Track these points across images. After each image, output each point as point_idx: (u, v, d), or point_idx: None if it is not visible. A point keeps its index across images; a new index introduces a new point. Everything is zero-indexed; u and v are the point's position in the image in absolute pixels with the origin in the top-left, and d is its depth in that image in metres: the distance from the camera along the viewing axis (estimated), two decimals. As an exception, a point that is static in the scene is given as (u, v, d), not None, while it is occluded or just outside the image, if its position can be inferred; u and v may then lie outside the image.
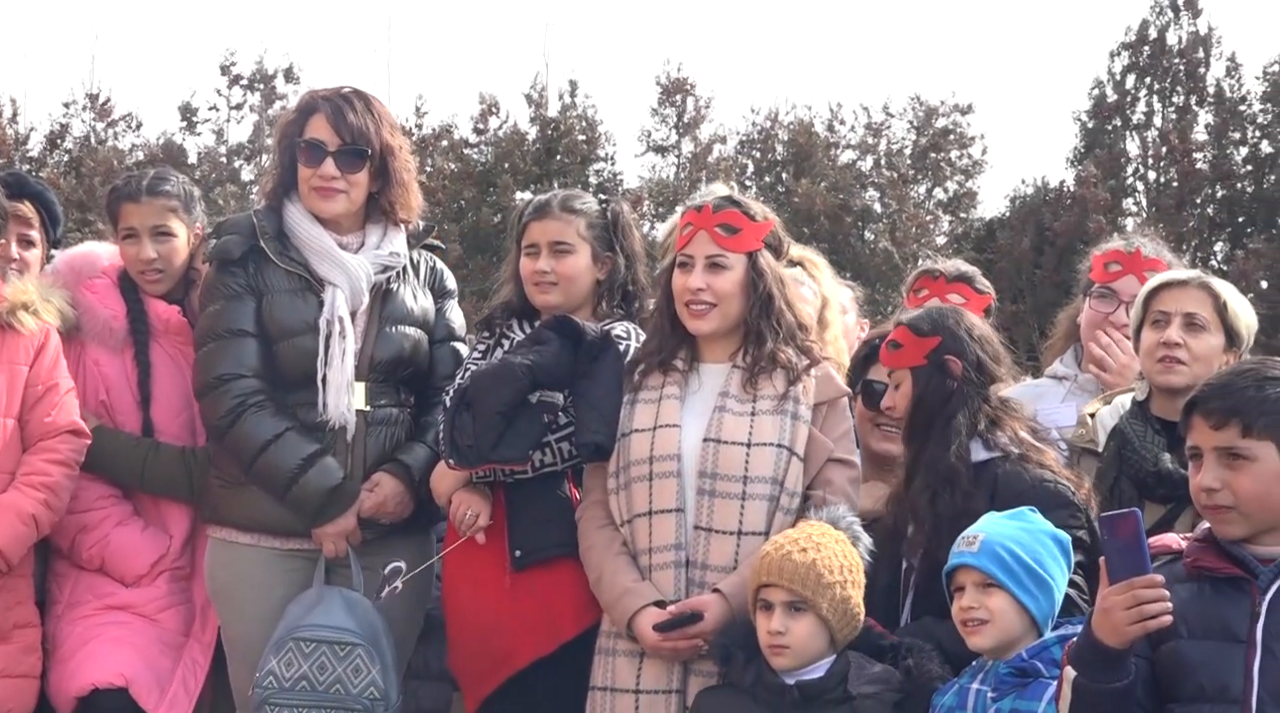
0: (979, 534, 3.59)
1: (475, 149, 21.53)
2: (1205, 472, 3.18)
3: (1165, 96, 21.43)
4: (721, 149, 22.08)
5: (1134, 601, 3.03)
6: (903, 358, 4.10)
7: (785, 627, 3.73)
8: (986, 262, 20.52)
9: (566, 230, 4.60)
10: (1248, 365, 3.27)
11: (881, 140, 22.05)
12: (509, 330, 4.67)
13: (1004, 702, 3.46)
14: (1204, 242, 21.06)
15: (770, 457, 4.07)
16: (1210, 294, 4.09)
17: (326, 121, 4.66)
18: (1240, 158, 21.07)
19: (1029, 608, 3.52)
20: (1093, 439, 4.20)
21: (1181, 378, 4.03)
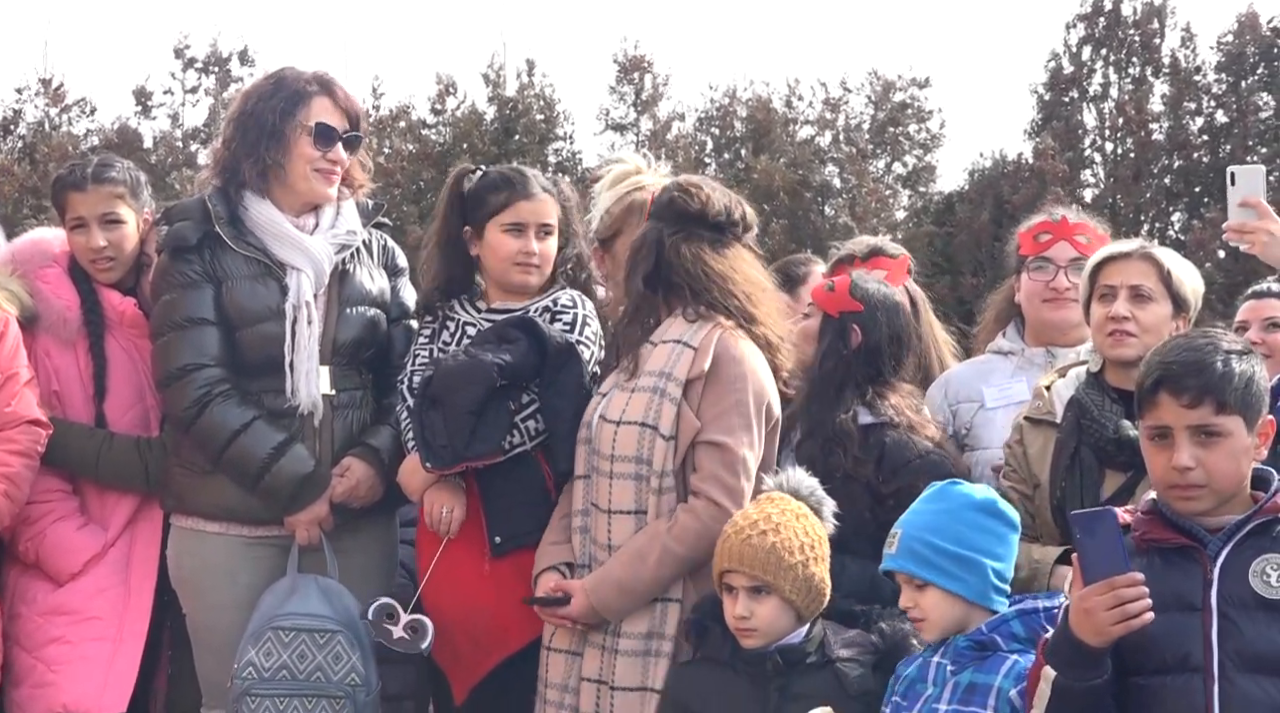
0: (897, 532, 3.62)
1: (433, 130, 21.44)
2: (1179, 451, 3.14)
3: (1121, 68, 21.50)
4: (680, 126, 22.05)
5: (1116, 600, 3.02)
6: (826, 301, 4.23)
7: (750, 610, 3.75)
8: (946, 235, 20.63)
9: (554, 211, 4.61)
10: (1202, 339, 3.25)
11: (839, 115, 22.06)
12: (451, 311, 4.64)
13: (963, 674, 3.48)
14: (1161, 212, 21.17)
15: (634, 436, 4.06)
16: (1154, 264, 4.13)
17: (333, 105, 4.68)
18: (1196, 128, 21.18)
19: (961, 594, 3.53)
20: (1050, 410, 4.22)
21: (1132, 350, 4.06)
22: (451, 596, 4.39)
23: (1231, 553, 3.13)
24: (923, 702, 3.52)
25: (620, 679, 4.03)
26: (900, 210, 21.76)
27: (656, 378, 4.08)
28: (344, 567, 4.62)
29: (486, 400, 4.23)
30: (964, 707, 3.44)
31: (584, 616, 4.05)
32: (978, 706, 3.42)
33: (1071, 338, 4.70)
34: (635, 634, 4.05)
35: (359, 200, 4.83)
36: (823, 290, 4.35)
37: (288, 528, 4.61)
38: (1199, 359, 3.17)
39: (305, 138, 4.64)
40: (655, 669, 4.02)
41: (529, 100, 21.44)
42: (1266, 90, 21.10)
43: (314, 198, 4.68)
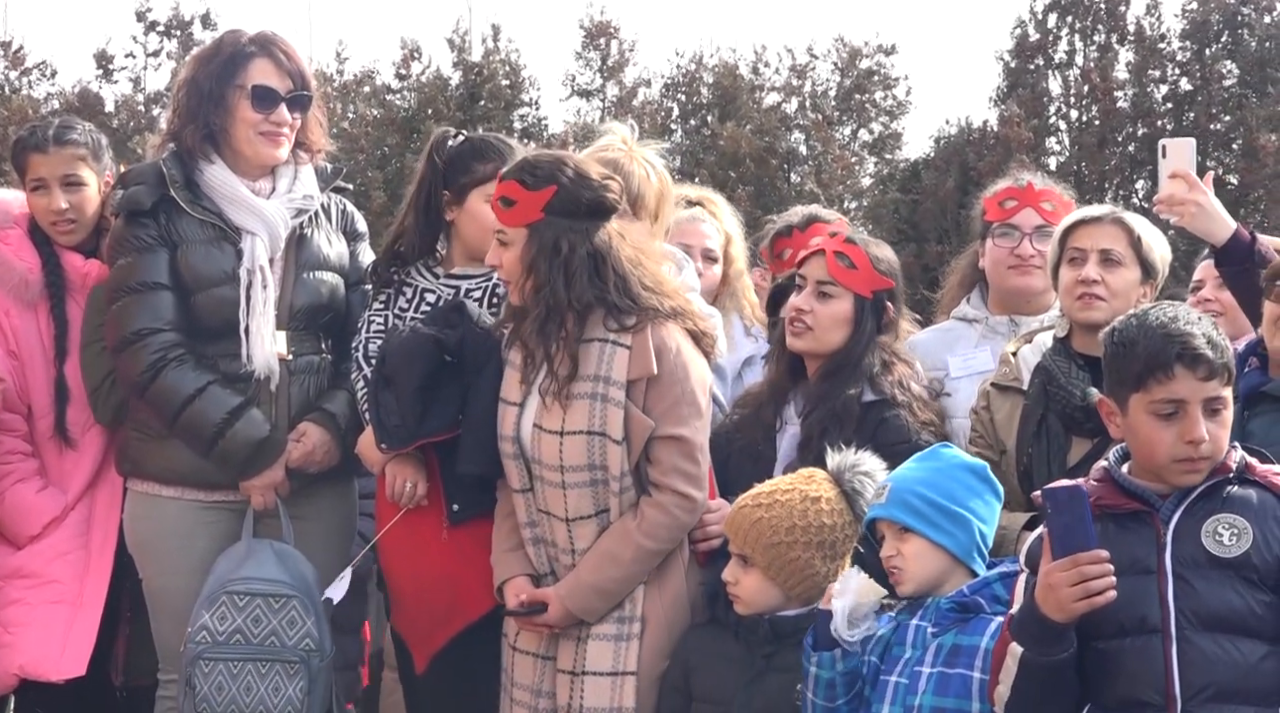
0: (888, 483, 3.61)
1: (398, 95, 21.34)
2: (1196, 425, 3.14)
3: (1086, 35, 21.53)
4: (646, 93, 22.01)
5: (1079, 577, 3.03)
6: (853, 281, 4.12)
7: (735, 577, 3.77)
8: (911, 202, 20.65)
9: None
10: (1188, 312, 3.26)
11: (806, 82, 22.03)
12: (409, 277, 4.59)
13: (945, 637, 3.48)
14: (1125, 179, 21.24)
15: (582, 445, 3.96)
16: (1124, 229, 4.13)
17: (274, 67, 4.62)
18: (1160, 96, 21.23)
19: (946, 546, 3.52)
20: (1017, 377, 4.22)
21: (1101, 314, 4.07)
22: (410, 565, 4.37)
23: (1183, 515, 3.16)
24: (903, 664, 3.52)
25: (592, 664, 4.00)
26: (866, 177, 21.79)
27: (592, 383, 3.97)
28: (300, 532, 4.60)
29: (438, 377, 4.19)
30: (949, 669, 3.45)
31: (562, 622, 4.03)
32: (963, 667, 3.44)
33: (1035, 306, 4.70)
34: (609, 618, 4.02)
35: (317, 164, 4.79)
36: (842, 266, 4.13)
37: (243, 493, 4.59)
38: (1208, 333, 3.20)
39: (245, 101, 4.59)
40: (627, 653, 3.99)
41: (494, 66, 21.34)
42: (1230, 58, 21.16)
43: (262, 161, 4.64)
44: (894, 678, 3.51)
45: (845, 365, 4.11)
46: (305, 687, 4.40)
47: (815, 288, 4.14)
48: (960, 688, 3.40)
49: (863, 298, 4.14)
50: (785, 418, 4.21)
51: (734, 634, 3.82)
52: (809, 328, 4.13)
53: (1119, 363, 3.25)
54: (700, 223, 5.15)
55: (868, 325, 4.14)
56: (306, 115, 4.71)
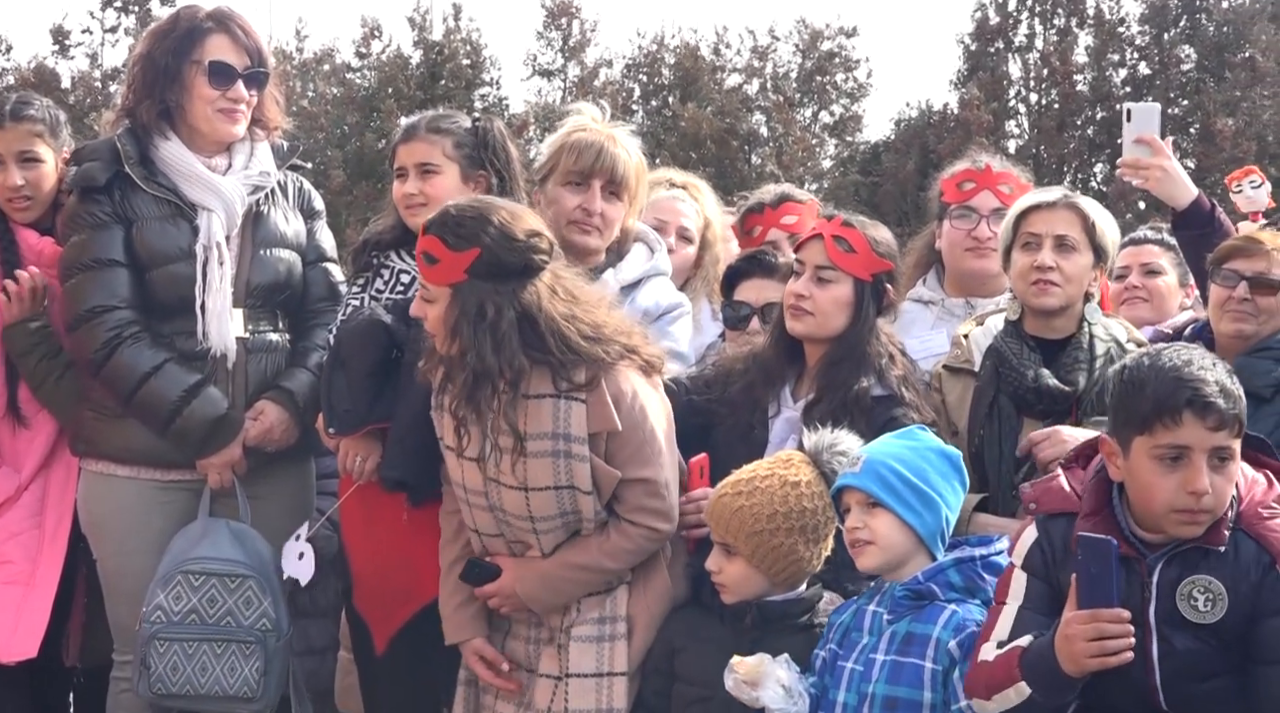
0: (862, 455, 3.57)
1: (358, 73, 21.27)
2: (1200, 475, 3.04)
3: (1046, 19, 21.63)
4: (607, 73, 22.01)
5: (1098, 633, 3.00)
6: (851, 264, 4.07)
7: (719, 566, 3.73)
8: (871, 185, 20.72)
9: (432, 151, 4.50)
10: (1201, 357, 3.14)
11: (767, 64, 22.07)
12: (388, 260, 4.59)
13: (900, 624, 3.45)
14: (1084, 163, 21.37)
15: (550, 498, 3.88)
16: (1079, 214, 4.12)
17: (230, 43, 4.58)
18: (1119, 79, 21.35)
19: (914, 526, 3.49)
20: (968, 359, 4.22)
21: (1055, 300, 4.08)
22: (370, 545, 4.36)
23: (1165, 568, 3.12)
24: (859, 651, 3.50)
25: (575, 666, 3.93)
26: (826, 159, 21.85)
27: (551, 441, 3.84)
28: (257, 511, 4.57)
29: (390, 363, 4.17)
30: (902, 657, 3.42)
31: (506, 597, 3.99)
32: (915, 656, 3.40)
33: (991, 288, 4.71)
34: (589, 620, 3.96)
35: (274, 142, 4.76)
36: (841, 250, 4.06)
37: (199, 471, 4.56)
38: (1222, 381, 3.10)
39: (201, 77, 4.55)
40: (612, 653, 3.93)
41: (455, 45, 21.29)
42: (1188, 43, 21.30)
43: (219, 137, 4.61)
44: (850, 664, 3.50)
45: (850, 353, 4.05)
46: (261, 667, 4.39)
47: (814, 273, 4.10)
48: (912, 678, 3.38)
49: (862, 281, 4.11)
50: (782, 401, 4.17)
51: (719, 618, 3.80)
52: (809, 313, 4.10)
53: (1126, 403, 3.13)
54: (679, 202, 5.15)
55: (868, 309, 4.10)
56: (263, 92, 4.68)
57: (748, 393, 4.14)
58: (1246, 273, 4.22)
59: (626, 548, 3.94)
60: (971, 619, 3.37)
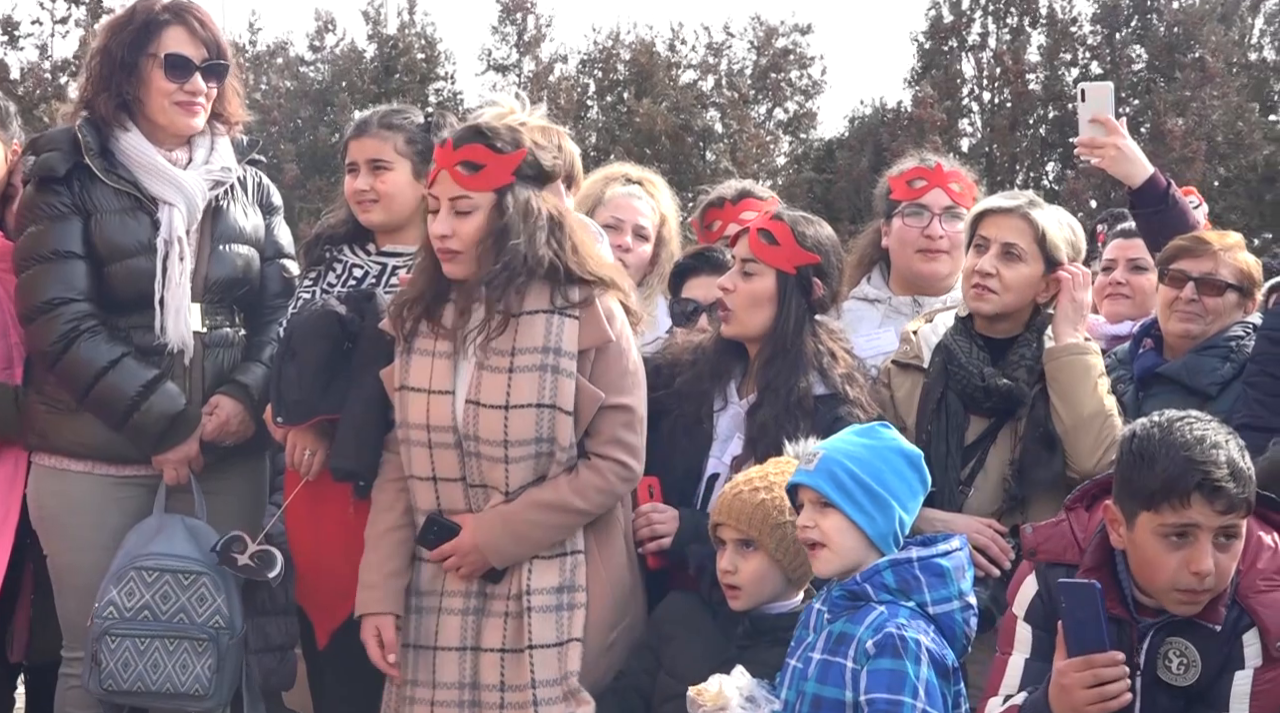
0: (819, 451, 3.54)
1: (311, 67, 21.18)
2: (1204, 556, 3.00)
3: (999, 18, 21.71)
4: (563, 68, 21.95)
5: (1095, 679, 2.99)
6: (775, 257, 4.06)
7: (734, 565, 3.69)
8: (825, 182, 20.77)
9: (384, 148, 4.51)
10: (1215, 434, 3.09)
11: (722, 60, 22.08)
12: (340, 254, 4.59)
13: (836, 624, 3.44)
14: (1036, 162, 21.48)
15: (530, 418, 3.87)
16: (1030, 224, 4.13)
17: (188, 35, 4.55)
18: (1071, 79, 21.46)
19: (864, 528, 3.45)
20: (917, 355, 4.25)
21: (990, 306, 4.11)
22: (314, 537, 4.36)
23: (1154, 636, 3.13)
24: (802, 649, 3.51)
25: (538, 638, 3.91)
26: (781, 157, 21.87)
27: (540, 355, 3.88)
28: (212, 507, 4.56)
29: (341, 354, 4.17)
30: (831, 657, 3.41)
31: (466, 549, 3.95)
32: (841, 656, 3.39)
33: (939, 287, 4.73)
34: (547, 590, 3.94)
35: (234, 137, 4.74)
36: (764, 243, 4.06)
37: (155, 467, 4.54)
38: (1233, 461, 3.04)
39: (158, 70, 4.52)
40: (572, 621, 3.92)
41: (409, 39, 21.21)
42: (1139, 43, 21.44)
43: (177, 130, 4.59)
44: (794, 662, 3.51)
45: (784, 351, 4.04)
46: (214, 665, 4.37)
47: (740, 267, 4.12)
48: (837, 678, 3.37)
49: (786, 274, 4.10)
50: (728, 396, 4.17)
51: (713, 614, 3.80)
52: (731, 311, 4.10)
53: (1134, 476, 3.09)
54: (636, 199, 5.15)
55: (792, 303, 4.07)
56: (223, 85, 4.65)
57: (695, 385, 4.15)
58: (1194, 273, 4.27)
59: (597, 484, 3.92)
60: (895, 621, 3.35)
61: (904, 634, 3.30)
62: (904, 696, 3.23)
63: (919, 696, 3.23)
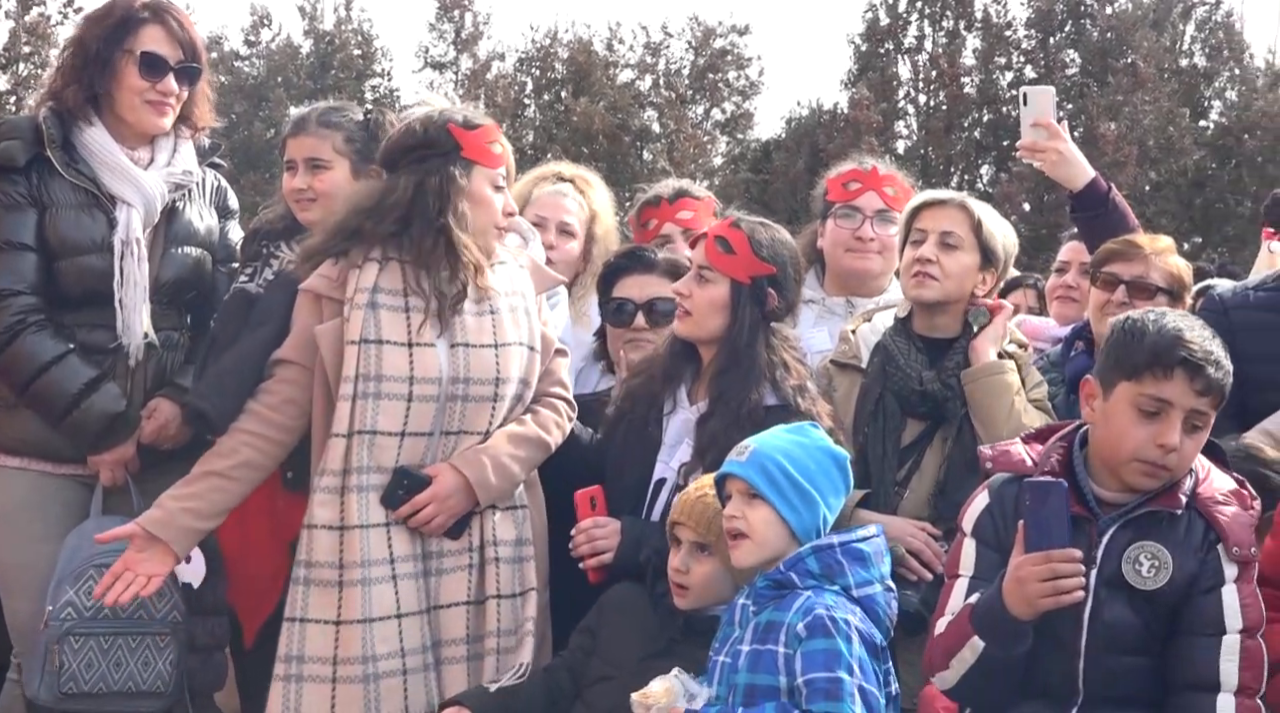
0: (750, 445, 3.53)
1: (246, 62, 21.06)
2: (1172, 430, 3.11)
3: (935, 21, 21.90)
4: (500, 66, 21.95)
5: (1050, 574, 3.03)
6: (730, 266, 4.05)
7: (687, 566, 3.66)
8: (762, 182, 20.86)
9: (321, 146, 4.48)
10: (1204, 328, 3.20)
11: (660, 60, 22.15)
12: (277, 250, 4.57)
13: (763, 614, 3.46)
14: (970, 164, 21.67)
15: (517, 356, 4.00)
16: (967, 213, 4.17)
17: (165, 35, 4.49)
18: (1006, 83, 21.67)
19: (790, 522, 3.44)
20: (856, 355, 4.26)
21: (931, 292, 4.13)
22: (239, 532, 4.33)
23: (1116, 533, 3.16)
24: (729, 644, 3.52)
25: (504, 588, 3.95)
26: (718, 157, 21.96)
27: (512, 297, 4.02)
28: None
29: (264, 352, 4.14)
30: (761, 646, 3.42)
31: (443, 495, 3.89)
32: (772, 643, 3.38)
33: (871, 288, 4.75)
34: (507, 542, 3.99)
35: (196, 140, 4.69)
36: (719, 251, 4.04)
37: (91, 467, 4.50)
38: (1217, 353, 3.16)
39: (132, 67, 4.48)
40: (527, 572, 3.98)
41: (346, 35, 21.14)
42: (1073, 48, 21.69)
43: (144, 129, 4.54)
44: (721, 658, 3.52)
45: (737, 361, 4.03)
46: (174, 659, 4.33)
47: (696, 272, 4.14)
48: (769, 664, 3.35)
49: (740, 284, 4.12)
50: (678, 399, 4.18)
51: (654, 607, 3.81)
52: (688, 313, 4.12)
53: (1121, 348, 3.20)
54: (562, 197, 5.13)
55: (746, 312, 4.07)
56: (194, 88, 4.60)
57: (646, 388, 4.16)
58: (1125, 276, 4.30)
59: (556, 420, 4.05)
60: (822, 603, 3.38)
61: (833, 615, 3.33)
62: (840, 672, 3.26)
63: (854, 672, 3.27)
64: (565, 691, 3.81)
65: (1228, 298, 4.30)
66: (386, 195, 4.00)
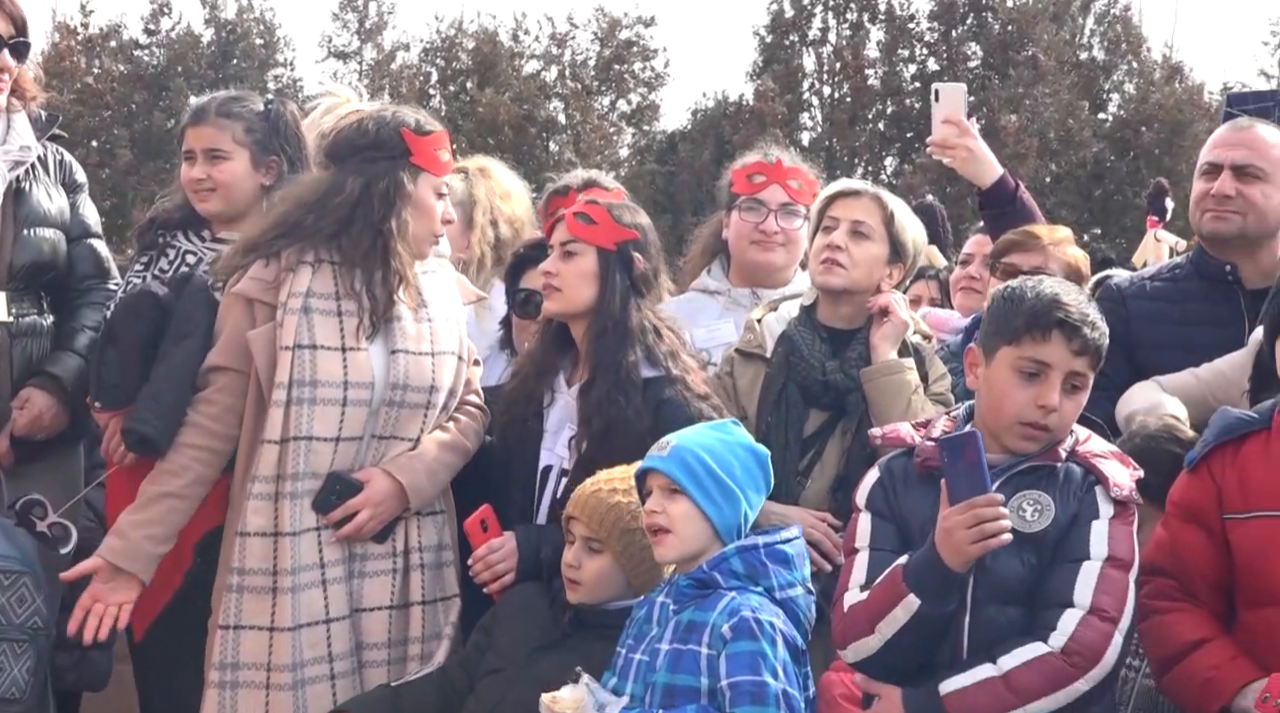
0: (671, 440, 3.52)
1: (146, 51, 20.75)
2: (1053, 391, 3.18)
3: (839, 13, 22.03)
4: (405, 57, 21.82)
5: (975, 520, 3.05)
6: (594, 235, 4.09)
7: (579, 561, 3.64)
8: (668, 174, 20.89)
9: (221, 137, 4.42)
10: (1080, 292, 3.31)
11: (566, 51, 22.11)
12: (174, 240, 4.50)
13: (684, 613, 3.44)
14: (875, 156, 21.84)
15: (449, 365, 4.04)
16: (879, 205, 4.20)
17: None
18: (909, 75, 21.85)
19: (711, 517, 3.43)
20: (760, 344, 4.28)
21: (839, 279, 4.16)
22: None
23: (1000, 489, 3.16)
24: (647, 642, 3.51)
25: (429, 593, 3.97)
26: (624, 148, 21.96)
27: (447, 305, 4.08)
28: (32, 508, 4.41)
29: (160, 337, 4.08)
30: (682, 645, 3.40)
31: (376, 500, 3.88)
32: (694, 643, 3.36)
33: (776, 280, 4.76)
34: (430, 547, 4.01)
35: (31, 112, 4.57)
36: (580, 223, 4.09)
37: (-40, 460, 4.40)
38: (1093, 315, 3.24)
39: None
40: (448, 577, 4.03)
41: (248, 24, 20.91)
42: (975, 40, 21.91)
43: None
44: (637, 656, 3.51)
45: (614, 325, 4.07)
46: (32, 666, 4.23)
47: (560, 250, 4.15)
48: (690, 665, 3.34)
49: (607, 251, 4.19)
50: (556, 388, 4.19)
51: (550, 603, 3.79)
52: (557, 289, 4.14)
53: (1001, 314, 3.28)
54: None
55: (615, 278, 4.11)
56: (23, 59, 4.48)
57: (522, 387, 4.18)
58: (1024, 267, 4.35)
59: (475, 428, 4.09)
60: (747, 605, 3.39)
61: (759, 617, 3.33)
62: (766, 676, 3.27)
63: (779, 676, 3.28)
64: (459, 688, 3.79)
65: (1125, 287, 4.36)
66: (333, 193, 3.97)
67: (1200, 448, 3.39)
